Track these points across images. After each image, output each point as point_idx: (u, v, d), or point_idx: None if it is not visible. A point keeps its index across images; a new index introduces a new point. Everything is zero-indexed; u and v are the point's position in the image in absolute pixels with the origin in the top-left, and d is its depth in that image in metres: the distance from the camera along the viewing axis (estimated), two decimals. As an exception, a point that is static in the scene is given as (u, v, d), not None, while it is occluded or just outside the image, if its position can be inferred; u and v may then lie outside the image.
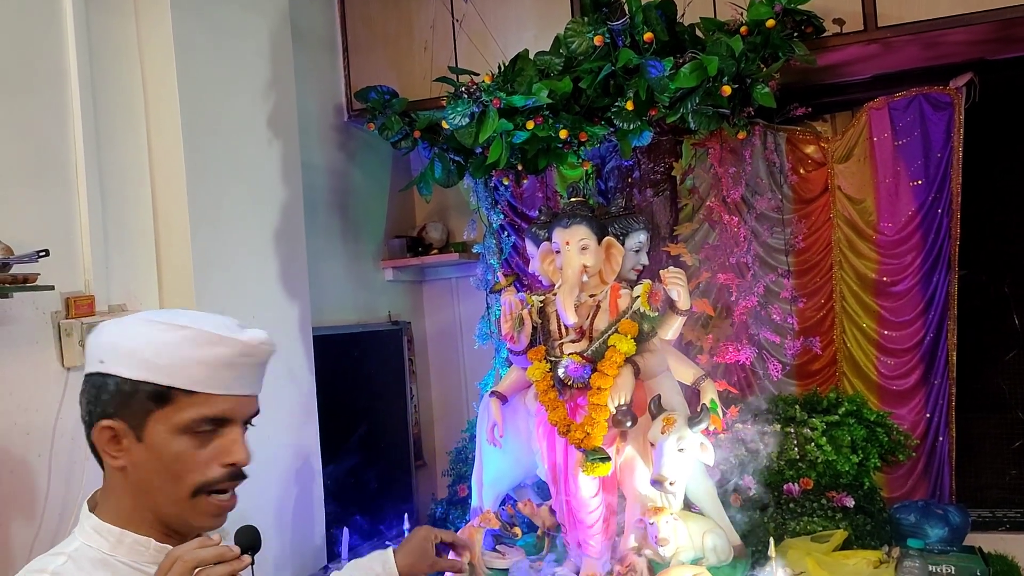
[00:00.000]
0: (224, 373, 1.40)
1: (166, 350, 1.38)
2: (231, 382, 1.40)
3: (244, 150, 3.28)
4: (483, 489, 3.55)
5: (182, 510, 1.40)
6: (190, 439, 1.38)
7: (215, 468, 1.39)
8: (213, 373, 1.39)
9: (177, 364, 1.38)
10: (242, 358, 1.41)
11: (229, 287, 3.10)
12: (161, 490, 1.40)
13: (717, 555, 3.14)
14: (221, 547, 1.29)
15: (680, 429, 3.03)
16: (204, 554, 1.27)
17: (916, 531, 3.52)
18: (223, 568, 1.27)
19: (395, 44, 4.49)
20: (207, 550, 1.28)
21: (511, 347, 3.42)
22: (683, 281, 3.31)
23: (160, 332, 1.40)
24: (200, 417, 1.38)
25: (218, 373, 1.39)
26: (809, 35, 3.67)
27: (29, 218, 2.44)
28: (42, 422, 2.42)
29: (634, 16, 3.56)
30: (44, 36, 2.58)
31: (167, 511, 1.41)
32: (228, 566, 1.27)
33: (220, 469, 1.40)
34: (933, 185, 4.01)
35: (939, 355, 4.04)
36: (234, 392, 1.41)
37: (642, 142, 3.70)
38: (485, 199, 4.38)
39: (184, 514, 1.41)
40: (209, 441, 1.40)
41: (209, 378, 1.39)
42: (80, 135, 2.64)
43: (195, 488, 1.39)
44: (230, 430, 1.41)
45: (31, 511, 2.37)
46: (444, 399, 5.20)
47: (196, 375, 1.38)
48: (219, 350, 1.39)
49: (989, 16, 3.54)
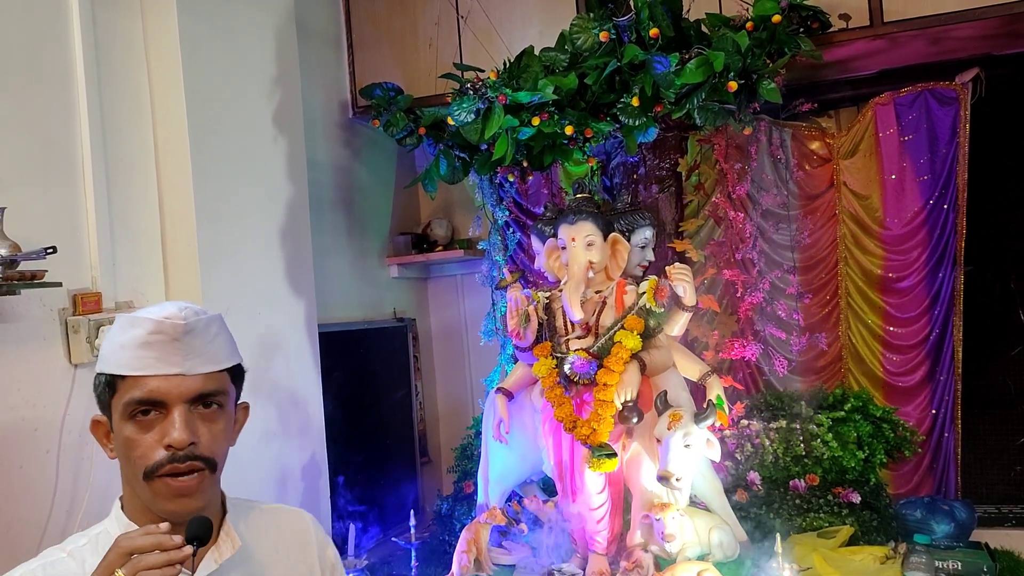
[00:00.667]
0: (142, 353, 1.41)
1: (107, 341, 1.47)
2: (152, 362, 1.41)
3: (250, 147, 3.28)
4: (489, 485, 3.54)
5: (147, 495, 1.42)
6: (134, 424, 1.41)
7: (159, 451, 1.40)
8: (133, 355, 1.41)
9: (110, 352, 1.44)
10: (154, 336, 1.41)
11: (235, 283, 3.11)
12: (128, 477, 1.45)
13: (723, 551, 3.14)
14: (161, 536, 1.29)
15: (686, 425, 3.02)
16: (141, 541, 1.29)
17: (922, 527, 3.52)
18: (158, 557, 1.27)
19: (400, 41, 4.49)
20: (145, 538, 1.29)
21: (517, 343, 3.42)
22: (689, 277, 3.31)
23: (114, 326, 1.47)
24: (131, 400, 1.40)
25: (137, 354, 1.41)
26: (815, 31, 3.67)
27: (36, 215, 2.45)
28: (50, 418, 2.43)
29: (640, 12, 3.56)
30: (51, 34, 2.59)
31: (141, 496, 1.44)
32: (165, 555, 1.27)
33: (163, 451, 1.39)
34: (939, 181, 4.01)
35: (945, 351, 4.04)
36: (158, 372, 1.41)
37: (647, 138, 3.70)
38: (490, 196, 4.38)
39: (149, 499, 1.42)
40: (154, 425, 1.41)
41: (132, 360, 1.41)
42: (87, 132, 2.64)
43: (144, 472, 1.40)
44: (172, 412, 1.41)
45: (40, 505, 2.38)
46: (450, 395, 5.20)
47: (122, 359, 1.42)
48: (134, 332, 1.42)
49: (995, 11, 3.54)
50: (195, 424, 1.42)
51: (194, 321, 1.44)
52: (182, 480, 1.40)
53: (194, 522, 1.37)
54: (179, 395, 1.41)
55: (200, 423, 1.43)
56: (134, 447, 1.41)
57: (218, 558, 1.48)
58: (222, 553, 1.48)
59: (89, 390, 2.47)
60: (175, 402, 1.41)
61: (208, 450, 1.43)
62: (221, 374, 1.48)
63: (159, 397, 1.41)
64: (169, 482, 1.40)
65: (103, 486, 2.57)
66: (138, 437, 1.41)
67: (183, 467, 1.40)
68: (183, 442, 1.39)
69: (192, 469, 1.41)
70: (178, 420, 1.40)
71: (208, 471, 1.43)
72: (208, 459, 1.43)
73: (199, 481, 1.42)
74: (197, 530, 1.36)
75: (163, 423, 1.41)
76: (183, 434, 1.39)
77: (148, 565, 1.26)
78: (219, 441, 1.46)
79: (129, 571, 1.26)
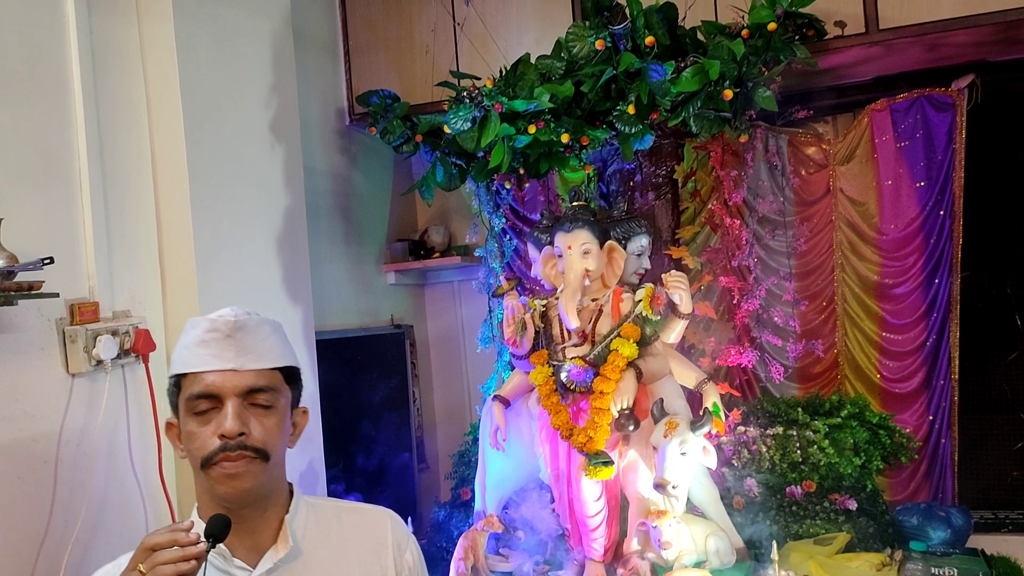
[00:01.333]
0: (199, 351, 1.56)
1: (177, 345, 1.62)
2: (209, 358, 1.55)
3: (247, 155, 3.28)
4: (486, 492, 3.55)
5: (206, 483, 1.55)
6: (195, 418, 1.55)
7: (213, 440, 1.52)
8: (193, 353, 1.57)
9: (176, 355, 1.61)
10: (209, 334, 1.56)
11: (232, 291, 3.11)
12: (194, 470, 1.57)
13: (720, 558, 3.15)
14: (178, 533, 1.39)
15: (683, 433, 3.03)
16: (161, 538, 1.38)
17: (918, 534, 3.53)
18: (174, 552, 1.36)
19: (396, 48, 4.49)
20: (165, 535, 1.39)
21: (514, 351, 3.43)
22: (685, 285, 3.32)
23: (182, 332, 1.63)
24: (191, 395, 1.55)
25: (197, 352, 1.56)
26: (810, 38, 3.68)
27: (33, 225, 2.44)
28: (48, 429, 2.43)
29: (635, 20, 3.57)
30: (47, 41, 2.58)
31: (205, 488, 1.57)
32: (181, 551, 1.37)
33: (217, 441, 1.52)
34: (935, 187, 4.01)
35: (941, 357, 4.04)
36: (213, 367, 1.54)
37: (644, 145, 3.71)
38: (487, 203, 4.39)
39: (209, 486, 1.55)
40: (211, 419, 1.54)
41: (192, 358, 1.57)
42: (83, 141, 2.64)
43: (201, 461, 1.53)
44: (225, 405, 1.53)
45: (38, 516, 2.37)
46: (447, 403, 5.20)
47: (185, 358, 1.58)
48: (194, 332, 1.58)
49: (991, 18, 3.54)
50: (246, 417, 1.54)
51: (244, 319, 1.59)
52: (230, 465, 1.52)
53: (213, 519, 1.47)
54: (232, 388, 1.54)
55: (252, 417, 1.55)
56: (194, 440, 1.54)
57: (274, 557, 1.58)
58: (277, 552, 1.58)
59: (87, 400, 2.52)
60: (228, 395, 1.54)
61: (259, 442, 1.54)
62: (272, 372, 1.60)
63: (214, 391, 1.54)
64: (219, 468, 1.52)
65: (101, 496, 2.57)
66: (198, 430, 1.54)
67: (234, 455, 1.51)
68: (233, 431, 1.51)
69: (242, 457, 1.52)
70: (230, 412, 1.52)
71: (260, 459, 1.54)
72: (259, 449, 1.54)
73: (247, 463, 1.52)
74: (214, 527, 1.45)
75: (218, 416, 1.53)
76: (234, 424, 1.51)
77: (165, 560, 1.35)
78: (272, 435, 1.57)
79: (148, 565, 1.35)
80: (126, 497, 2.68)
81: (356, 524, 1.72)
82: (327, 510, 1.73)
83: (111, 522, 2.60)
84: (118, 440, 2.66)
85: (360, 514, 1.76)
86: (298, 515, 1.65)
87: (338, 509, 1.75)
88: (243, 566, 1.56)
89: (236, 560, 1.56)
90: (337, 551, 1.65)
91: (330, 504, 1.76)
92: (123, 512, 2.66)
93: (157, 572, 1.34)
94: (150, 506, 2.75)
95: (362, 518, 1.74)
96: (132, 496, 2.70)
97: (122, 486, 2.67)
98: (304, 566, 1.60)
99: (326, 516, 1.70)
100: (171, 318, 2.94)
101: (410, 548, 1.75)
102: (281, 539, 1.59)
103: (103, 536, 2.56)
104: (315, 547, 1.63)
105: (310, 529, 1.65)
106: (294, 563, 1.59)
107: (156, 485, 2.75)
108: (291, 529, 1.60)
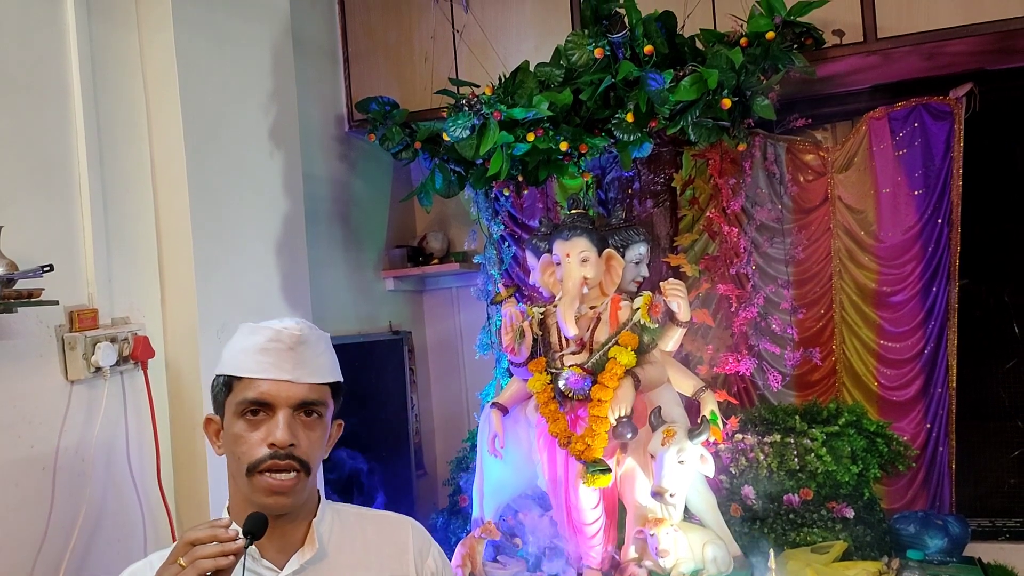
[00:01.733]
0: (260, 358, 1.59)
1: (229, 347, 1.66)
2: (267, 366, 1.59)
3: (246, 161, 3.29)
4: (484, 500, 3.55)
5: (247, 489, 1.58)
6: (244, 422, 1.59)
7: (262, 448, 1.56)
8: (252, 359, 1.60)
9: (232, 355, 1.64)
10: (272, 343, 1.60)
11: (231, 298, 3.11)
12: (233, 472, 1.61)
13: (717, 566, 3.15)
14: (218, 529, 1.43)
15: (680, 441, 3.04)
16: (201, 533, 1.42)
17: (916, 542, 3.53)
18: (214, 548, 1.40)
19: (396, 54, 4.50)
20: (205, 530, 1.43)
21: (512, 358, 3.43)
22: (683, 293, 3.33)
23: (236, 334, 1.67)
24: (245, 399, 1.58)
25: (255, 359, 1.60)
26: (809, 47, 3.68)
27: (33, 233, 2.45)
28: (46, 435, 2.43)
29: (634, 28, 3.58)
30: (47, 48, 2.59)
31: (243, 492, 1.60)
32: (220, 546, 1.41)
33: (266, 449, 1.56)
34: (933, 195, 4.02)
35: (939, 365, 4.04)
36: (270, 376, 1.58)
37: (642, 153, 3.72)
38: (486, 210, 4.39)
39: (248, 492, 1.58)
40: (261, 425, 1.58)
41: (250, 363, 1.60)
42: (83, 148, 2.64)
43: (248, 467, 1.56)
44: (277, 414, 1.57)
45: (36, 522, 2.38)
46: (445, 409, 5.20)
47: (241, 362, 1.61)
48: (255, 338, 1.62)
49: (989, 27, 3.56)
50: (296, 428, 1.59)
51: (308, 334, 1.64)
52: (280, 479, 1.56)
53: (251, 517, 1.52)
54: (286, 399, 1.59)
55: (301, 428, 1.60)
56: (241, 443, 1.58)
57: (301, 558, 1.63)
58: (304, 555, 1.64)
59: (86, 407, 2.52)
60: (282, 405, 1.58)
61: (305, 454, 1.59)
62: (323, 387, 1.66)
63: (268, 399, 1.58)
64: (268, 479, 1.56)
65: (99, 503, 2.57)
66: (246, 434, 1.58)
67: (283, 464, 1.56)
68: (285, 442, 1.55)
69: (290, 468, 1.56)
70: (282, 422, 1.57)
71: (304, 473, 1.59)
72: (304, 462, 1.58)
73: (295, 482, 1.58)
74: (253, 525, 1.50)
75: (269, 423, 1.57)
76: (285, 435, 1.56)
77: (205, 555, 1.39)
78: (316, 447, 1.63)
79: (188, 560, 1.39)
80: (124, 504, 2.68)
81: (378, 531, 1.78)
82: (351, 516, 1.78)
83: (109, 529, 2.60)
84: (116, 447, 2.67)
85: (382, 521, 1.81)
86: (324, 520, 1.71)
87: (361, 516, 1.80)
88: (271, 567, 1.62)
89: (264, 560, 1.62)
90: (360, 556, 1.71)
91: (353, 511, 1.81)
92: (121, 519, 2.66)
93: (197, 566, 1.39)
94: (148, 513, 2.75)
95: (384, 525, 1.80)
96: (130, 503, 2.70)
97: (120, 493, 2.67)
98: (329, 568, 1.66)
99: (350, 522, 1.76)
100: (170, 325, 2.94)
101: (432, 555, 1.80)
102: (308, 542, 1.65)
103: (101, 543, 2.56)
104: (340, 551, 1.69)
105: (335, 534, 1.71)
106: (319, 565, 1.65)
107: (154, 492, 2.75)
108: (318, 533, 1.66)
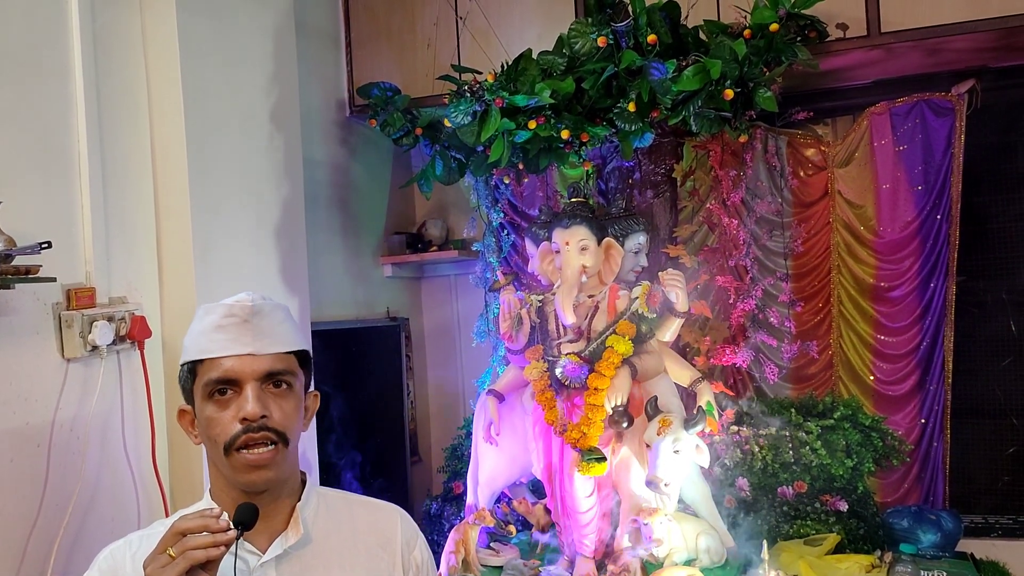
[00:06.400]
0: (217, 336, 1.57)
1: (188, 332, 1.63)
2: (226, 343, 1.56)
3: (246, 144, 3.28)
4: (478, 487, 3.56)
5: (227, 470, 1.56)
6: (214, 404, 1.56)
7: (235, 425, 1.53)
8: (210, 339, 1.57)
9: (192, 340, 1.61)
10: (226, 319, 1.57)
11: (229, 280, 3.11)
12: (213, 456, 1.59)
13: (710, 556, 3.16)
14: (209, 519, 1.42)
15: (676, 431, 3.04)
16: (191, 523, 1.41)
17: (909, 536, 3.54)
18: (205, 538, 1.39)
19: (398, 40, 4.49)
20: (196, 520, 1.42)
21: (509, 346, 3.43)
22: (682, 283, 3.33)
23: (193, 319, 1.64)
24: (210, 379, 1.56)
25: (213, 338, 1.57)
26: (812, 39, 3.68)
27: (31, 209, 2.44)
28: (42, 412, 2.43)
29: (638, 18, 3.57)
30: (49, 28, 2.58)
31: (224, 474, 1.58)
32: (211, 537, 1.40)
33: (238, 425, 1.53)
34: (933, 191, 4.02)
35: (935, 361, 4.05)
36: (231, 352, 1.56)
37: (643, 143, 3.71)
38: (485, 197, 4.39)
39: (229, 473, 1.56)
40: (231, 403, 1.55)
41: (208, 344, 1.57)
42: (83, 127, 2.64)
43: (224, 446, 1.54)
44: (245, 389, 1.55)
45: (31, 499, 2.37)
46: (441, 396, 5.20)
47: (201, 345, 1.58)
48: (210, 318, 1.59)
49: (992, 24, 3.55)
50: (267, 400, 1.56)
51: (261, 304, 1.61)
52: (258, 453, 1.54)
53: (242, 507, 1.50)
54: (251, 373, 1.56)
55: (271, 400, 1.57)
56: (214, 425, 1.55)
57: (284, 543, 1.60)
58: (288, 539, 1.60)
59: (82, 385, 2.52)
60: (247, 379, 1.55)
61: (280, 424, 1.56)
62: (288, 356, 1.62)
63: (233, 375, 1.55)
64: (246, 455, 1.53)
65: (94, 481, 2.58)
66: (217, 415, 1.55)
67: (258, 437, 1.53)
68: (255, 414, 1.53)
69: (267, 439, 1.54)
70: (251, 395, 1.54)
71: (282, 444, 1.56)
72: (280, 432, 1.56)
73: (274, 453, 1.55)
74: (244, 515, 1.49)
75: (238, 400, 1.55)
76: (256, 407, 1.53)
77: (195, 545, 1.38)
78: (290, 418, 1.59)
79: (179, 550, 1.38)
80: (118, 483, 2.68)
81: (366, 517, 1.73)
82: (338, 501, 1.75)
83: (103, 507, 2.60)
84: (112, 426, 2.67)
85: (370, 508, 1.77)
86: (309, 503, 1.67)
87: (348, 501, 1.77)
88: (254, 550, 1.58)
89: (247, 544, 1.58)
90: (347, 541, 1.67)
91: (339, 495, 1.78)
92: (115, 497, 2.66)
93: (188, 556, 1.37)
94: (142, 492, 2.75)
95: (372, 512, 1.76)
96: (124, 482, 2.70)
97: (115, 471, 2.67)
98: (313, 554, 1.62)
99: (337, 507, 1.72)
100: (167, 305, 2.94)
101: (419, 546, 1.76)
102: (292, 526, 1.61)
103: (94, 521, 2.56)
104: (325, 536, 1.65)
105: (320, 518, 1.67)
106: (304, 550, 1.61)
107: (149, 471, 2.75)
108: (302, 517, 1.62)
